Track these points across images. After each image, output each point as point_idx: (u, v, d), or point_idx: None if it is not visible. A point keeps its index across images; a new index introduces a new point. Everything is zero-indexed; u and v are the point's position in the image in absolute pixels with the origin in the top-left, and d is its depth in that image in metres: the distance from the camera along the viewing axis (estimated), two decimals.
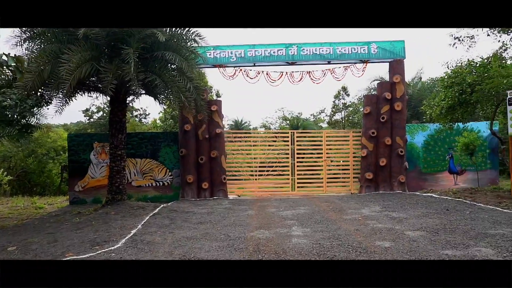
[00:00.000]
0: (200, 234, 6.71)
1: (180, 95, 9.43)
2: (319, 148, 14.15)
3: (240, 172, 13.77)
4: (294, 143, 13.87)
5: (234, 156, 13.97)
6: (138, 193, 12.81)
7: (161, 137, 13.04)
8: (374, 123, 13.19)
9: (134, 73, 8.52)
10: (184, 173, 12.62)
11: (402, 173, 12.98)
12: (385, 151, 13.05)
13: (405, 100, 13.39)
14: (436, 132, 13.67)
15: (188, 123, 12.60)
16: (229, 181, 13.53)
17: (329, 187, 13.84)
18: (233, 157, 13.92)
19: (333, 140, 14.57)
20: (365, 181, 13.11)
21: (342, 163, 14.38)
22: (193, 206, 10.52)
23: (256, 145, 14.17)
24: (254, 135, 15.70)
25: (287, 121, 29.61)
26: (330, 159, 14.16)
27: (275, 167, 13.88)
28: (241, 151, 14.01)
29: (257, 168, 13.82)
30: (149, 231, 7.07)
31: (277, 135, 14.56)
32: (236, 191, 13.86)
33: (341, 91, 22.02)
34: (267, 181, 14.10)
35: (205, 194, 12.66)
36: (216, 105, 12.84)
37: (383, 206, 9.29)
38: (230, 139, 14.55)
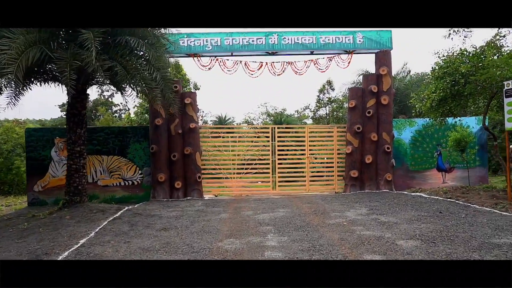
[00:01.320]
0: (160, 245, 5.74)
1: (144, 85, 8.41)
2: (302, 145, 13.29)
3: (218, 170, 12.80)
4: (276, 139, 12.98)
5: (211, 153, 12.98)
6: (105, 194, 11.73)
7: (130, 132, 11.96)
8: (359, 117, 12.39)
9: (96, 62, 7.47)
10: (155, 171, 11.59)
11: (388, 171, 12.24)
12: (371, 148, 12.28)
13: (392, 94, 12.63)
14: (424, 128, 12.97)
15: (160, 117, 11.56)
16: (207, 180, 12.63)
17: (312, 186, 13.00)
18: (210, 154, 12.94)
19: (316, 136, 13.72)
20: (350, 180, 12.33)
21: (326, 160, 13.56)
22: (162, 208, 9.53)
23: (235, 141, 13.22)
24: (233, 130, 14.68)
25: (270, 117, 28.71)
26: (314, 156, 13.30)
27: (255, 165, 12.96)
28: (219, 148, 13.03)
29: (236, 166, 12.88)
30: (101, 240, 6.07)
31: (257, 131, 13.65)
32: (214, 190, 12.90)
33: (326, 85, 21.19)
34: (246, 180, 13.17)
35: (178, 194, 11.66)
36: (190, 97, 11.83)
37: (370, 207, 8.48)
38: (207, 135, 13.56)
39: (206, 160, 12.75)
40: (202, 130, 13.10)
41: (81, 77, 8.80)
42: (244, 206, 9.52)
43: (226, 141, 13.12)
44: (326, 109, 21.64)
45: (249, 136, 13.61)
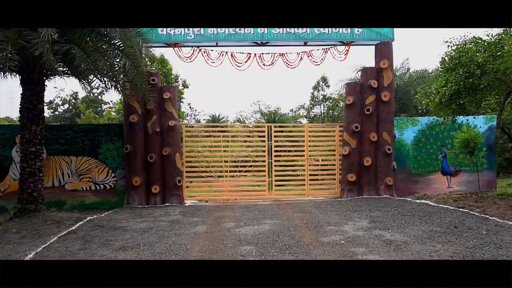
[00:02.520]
0: None
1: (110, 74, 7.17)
2: (301, 145, 12.11)
3: (210, 173, 11.60)
4: (272, 139, 11.78)
5: (201, 154, 11.74)
6: (73, 199, 10.47)
7: (101, 130, 10.69)
8: (357, 115, 11.23)
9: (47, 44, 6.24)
10: (130, 174, 10.33)
11: (389, 174, 11.09)
12: (370, 149, 11.12)
13: (394, 90, 11.48)
14: (428, 127, 11.83)
15: (135, 113, 10.30)
16: (198, 183, 11.69)
17: (312, 190, 11.82)
18: (200, 155, 11.70)
19: (316, 136, 12.47)
20: (347, 184, 11.15)
21: (328, 162, 12.30)
22: (133, 217, 8.29)
23: (228, 141, 11.97)
24: (226, 129, 13.38)
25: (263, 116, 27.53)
26: (313, 158, 12.06)
27: (250, 167, 11.76)
28: (211, 149, 11.81)
29: (228, 168, 11.68)
30: None
31: (252, 130, 12.39)
32: (203, 195, 11.66)
33: (321, 82, 19.99)
34: (239, 183, 12.00)
35: (155, 200, 10.42)
36: (169, 92, 10.58)
37: (371, 219, 7.30)
38: (196, 133, 12.30)
39: (196, 162, 11.60)
40: (186, 128, 11.89)
41: (36, 66, 7.58)
42: (226, 216, 8.31)
43: (218, 141, 11.91)
44: (321, 107, 20.46)
45: (243, 136, 12.33)
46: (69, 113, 33.61)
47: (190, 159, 11.56)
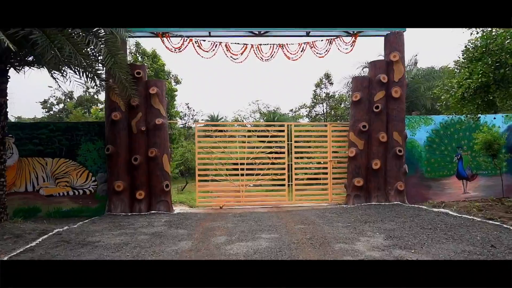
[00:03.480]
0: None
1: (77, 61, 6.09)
2: (323, 146, 11.07)
3: (223, 176, 10.62)
4: (292, 139, 10.72)
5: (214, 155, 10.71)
6: (49, 206, 9.39)
7: (81, 128, 9.60)
8: (365, 113, 10.16)
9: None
10: (112, 178, 9.25)
11: (400, 178, 10.02)
12: (379, 150, 10.06)
13: (405, 85, 10.43)
14: (442, 127, 10.77)
15: (117, 110, 9.23)
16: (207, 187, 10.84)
17: (336, 195, 10.79)
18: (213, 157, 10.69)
19: (339, 136, 11.18)
20: (353, 189, 10.08)
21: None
22: (110, 229, 7.21)
23: (243, 141, 10.83)
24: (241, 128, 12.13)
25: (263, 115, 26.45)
26: (337, 160, 10.89)
27: (267, 169, 10.72)
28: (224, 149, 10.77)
29: (244, 171, 10.63)
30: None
31: (269, 129, 11.21)
32: (217, 201, 10.60)
33: (324, 79, 18.89)
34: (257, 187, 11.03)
35: (140, 207, 9.33)
36: (156, 86, 9.49)
37: (386, 233, 6.22)
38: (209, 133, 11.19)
39: (210, 164, 10.65)
40: (199, 127, 10.92)
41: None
42: (217, 227, 7.22)
43: (233, 141, 10.82)
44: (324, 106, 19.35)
45: (260, 136, 11.15)
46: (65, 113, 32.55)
47: (202, 161, 10.59)
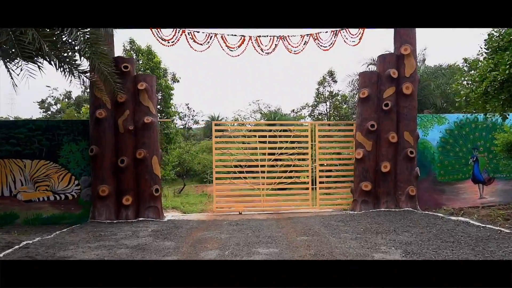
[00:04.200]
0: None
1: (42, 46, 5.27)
2: (348, 147, 10.31)
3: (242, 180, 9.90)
4: (316, 140, 9.92)
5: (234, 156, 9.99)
6: (28, 212, 8.58)
7: (62, 127, 8.79)
8: (373, 112, 9.34)
9: None
10: (96, 181, 8.44)
11: (412, 182, 9.19)
12: (388, 152, 9.23)
13: (417, 80, 9.58)
14: (456, 126, 9.94)
15: (102, 107, 8.43)
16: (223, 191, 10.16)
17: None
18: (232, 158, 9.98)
19: None
20: (360, 194, 9.25)
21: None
22: (88, 240, 6.39)
23: (264, 141, 9.99)
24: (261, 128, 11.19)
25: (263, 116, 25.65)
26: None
27: (290, 172, 9.95)
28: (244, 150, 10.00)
29: (265, 174, 9.89)
30: None
31: (292, 128, 10.32)
32: (237, 206, 9.80)
33: (327, 76, 18.03)
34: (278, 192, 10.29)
35: (127, 213, 8.51)
36: (145, 82, 8.69)
37: (403, 248, 5.37)
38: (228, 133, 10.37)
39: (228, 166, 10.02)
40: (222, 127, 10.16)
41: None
42: (209, 239, 6.40)
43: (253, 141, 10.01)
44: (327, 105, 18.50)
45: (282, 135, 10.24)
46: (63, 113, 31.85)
47: (219, 163, 9.90)
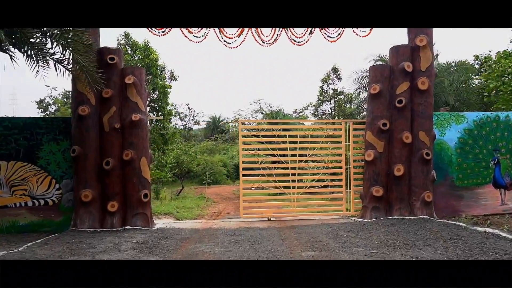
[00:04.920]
0: None
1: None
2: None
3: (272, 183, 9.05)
4: (350, 139, 9.13)
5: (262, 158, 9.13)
6: (2, 219, 7.75)
7: (42, 126, 7.96)
8: (385, 109, 8.48)
9: None
10: (79, 185, 7.61)
11: (428, 187, 8.34)
12: (402, 153, 8.38)
13: (434, 75, 8.72)
14: (476, 125, 9.06)
15: (86, 103, 7.61)
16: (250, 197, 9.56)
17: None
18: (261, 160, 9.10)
19: None
20: (371, 200, 8.39)
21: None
22: (60, 255, 5.55)
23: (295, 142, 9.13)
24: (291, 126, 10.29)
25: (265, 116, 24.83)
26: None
27: (322, 175, 9.17)
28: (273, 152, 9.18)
29: (296, 177, 9.04)
30: None
31: (325, 127, 9.41)
32: (266, 211, 8.96)
33: (331, 74, 17.14)
34: (309, 196, 9.55)
35: (112, 221, 7.67)
36: (133, 75, 7.85)
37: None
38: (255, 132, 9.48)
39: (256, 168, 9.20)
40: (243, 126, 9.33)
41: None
42: (201, 253, 5.55)
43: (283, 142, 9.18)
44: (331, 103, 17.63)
45: (314, 135, 9.34)
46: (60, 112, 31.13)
47: (247, 166, 9.08)
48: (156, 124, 16.12)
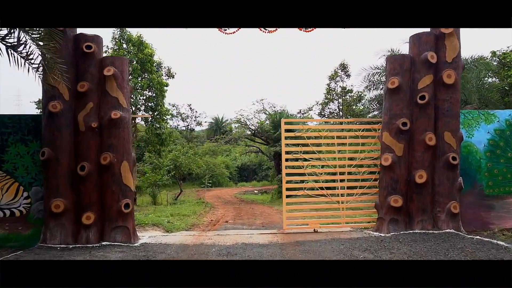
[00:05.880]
0: None
1: None
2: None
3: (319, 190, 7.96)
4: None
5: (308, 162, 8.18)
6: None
7: (8, 124, 6.88)
8: (405, 106, 7.36)
9: None
10: (49, 194, 6.54)
11: (454, 196, 7.21)
12: (424, 158, 7.26)
13: (461, 67, 7.60)
14: (508, 125, 7.91)
15: (58, 98, 6.55)
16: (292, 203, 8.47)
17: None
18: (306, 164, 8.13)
19: None
20: (388, 211, 7.27)
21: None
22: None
23: (344, 144, 8.03)
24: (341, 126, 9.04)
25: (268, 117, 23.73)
26: None
27: (372, 181, 8.01)
28: (320, 155, 8.16)
29: (345, 183, 8.04)
30: None
31: (376, 127, 8.25)
32: (312, 222, 8.06)
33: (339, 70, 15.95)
34: (358, 205, 8.42)
35: (88, 235, 6.58)
36: (113, 65, 6.78)
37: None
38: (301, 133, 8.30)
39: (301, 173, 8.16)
40: (287, 126, 8.31)
41: None
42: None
43: (331, 144, 8.11)
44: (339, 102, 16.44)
45: (364, 136, 8.15)
46: None
47: (290, 171, 8.04)
48: (151, 124, 15.08)
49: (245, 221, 10.85)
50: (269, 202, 19.13)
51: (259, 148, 28.75)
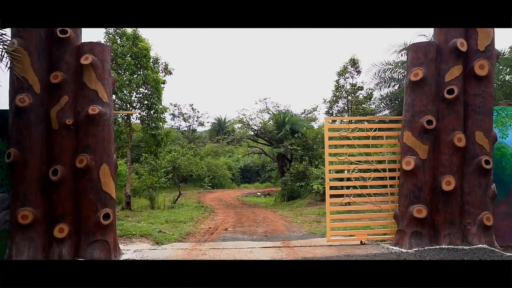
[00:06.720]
0: None
1: None
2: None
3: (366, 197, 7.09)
4: None
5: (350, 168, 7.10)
6: None
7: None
8: (430, 102, 6.37)
9: None
10: (15, 202, 5.61)
11: (487, 206, 6.23)
12: (452, 161, 6.27)
13: (495, 57, 6.60)
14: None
15: (27, 90, 5.63)
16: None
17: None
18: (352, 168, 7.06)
19: None
20: (410, 222, 6.29)
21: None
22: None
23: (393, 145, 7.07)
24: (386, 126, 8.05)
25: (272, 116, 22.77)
26: None
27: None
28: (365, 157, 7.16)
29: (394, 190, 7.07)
30: None
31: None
32: (359, 233, 7.14)
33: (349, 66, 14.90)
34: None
35: (61, 250, 5.65)
36: (92, 53, 5.83)
37: None
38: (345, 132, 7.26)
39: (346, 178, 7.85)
40: (330, 125, 7.49)
41: None
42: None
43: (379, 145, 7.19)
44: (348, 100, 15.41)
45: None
46: None
47: (334, 175, 7.44)
48: (147, 124, 14.16)
49: (246, 229, 9.91)
50: (272, 205, 18.21)
51: (262, 149, 27.84)
